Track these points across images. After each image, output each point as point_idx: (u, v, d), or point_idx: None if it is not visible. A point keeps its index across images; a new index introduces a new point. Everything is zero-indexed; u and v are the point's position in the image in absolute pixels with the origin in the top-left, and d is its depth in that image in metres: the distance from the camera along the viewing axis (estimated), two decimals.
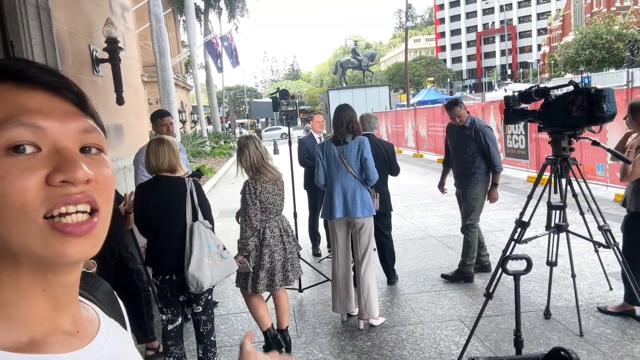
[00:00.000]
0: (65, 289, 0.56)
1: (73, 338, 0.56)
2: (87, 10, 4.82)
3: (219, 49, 24.10)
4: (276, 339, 3.49)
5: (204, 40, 25.22)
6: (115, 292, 0.74)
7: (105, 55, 4.87)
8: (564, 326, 3.60)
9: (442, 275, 4.77)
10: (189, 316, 3.41)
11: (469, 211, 4.70)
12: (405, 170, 11.34)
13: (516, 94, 3.19)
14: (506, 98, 3.23)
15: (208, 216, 3.07)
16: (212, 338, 3.13)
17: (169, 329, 3.06)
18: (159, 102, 13.11)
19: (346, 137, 3.71)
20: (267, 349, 3.50)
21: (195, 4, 24.38)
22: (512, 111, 3.19)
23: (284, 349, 3.50)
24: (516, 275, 2.27)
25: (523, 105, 3.31)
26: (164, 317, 3.07)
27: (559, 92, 3.04)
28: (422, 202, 8.80)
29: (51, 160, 0.51)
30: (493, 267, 4.71)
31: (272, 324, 3.50)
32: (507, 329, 3.61)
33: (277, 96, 4.65)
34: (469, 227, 4.64)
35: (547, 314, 3.76)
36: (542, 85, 3.17)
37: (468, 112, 4.64)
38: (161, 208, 2.95)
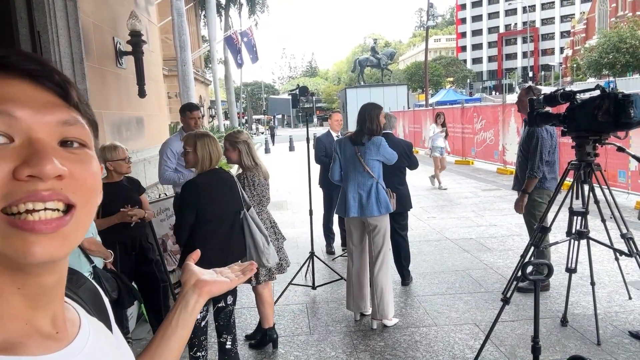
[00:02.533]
0: (43, 290, 0.52)
1: (51, 340, 0.53)
2: (111, 2, 4.88)
3: (238, 44, 24.18)
4: (273, 339, 3.55)
5: (224, 35, 25.33)
6: (100, 290, 0.71)
7: (129, 48, 4.92)
8: (581, 334, 3.54)
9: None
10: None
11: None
12: (422, 171, 11.25)
13: (541, 96, 3.13)
14: (530, 101, 3.18)
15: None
16: (236, 328, 3.21)
17: (202, 325, 3.08)
18: (178, 96, 13.21)
19: (362, 138, 3.68)
20: (261, 345, 3.56)
21: None
22: (536, 114, 3.14)
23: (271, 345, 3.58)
24: (536, 281, 2.23)
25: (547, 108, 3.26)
26: (198, 315, 3.09)
27: (585, 96, 2.98)
28: (438, 203, 8.73)
29: (22, 153, 0.47)
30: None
31: (274, 324, 3.60)
32: (522, 335, 3.57)
33: (297, 93, 4.64)
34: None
35: (564, 321, 3.70)
36: (567, 89, 3.11)
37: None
38: (222, 201, 2.99)
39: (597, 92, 2.87)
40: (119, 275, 3.00)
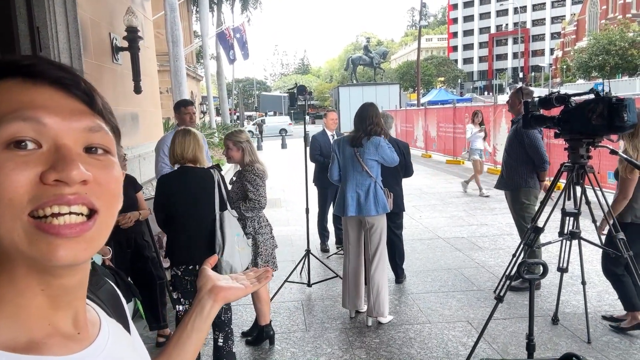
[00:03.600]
0: (65, 291, 0.54)
1: (73, 340, 0.55)
2: None
3: (231, 40, 24.09)
4: (269, 335, 3.59)
5: (216, 31, 25.22)
6: (119, 292, 0.72)
7: (125, 44, 4.90)
8: (571, 332, 3.62)
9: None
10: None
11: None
12: (415, 171, 11.32)
13: (536, 99, 3.19)
14: (525, 103, 3.24)
15: (232, 206, 3.16)
16: (231, 326, 3.19)
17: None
18: (170, 92, 13.13)
19: (362, 140, 3.72)
20: (258, 341, 3.59)
21: None
22: (530, 116, 3.20)
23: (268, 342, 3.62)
24: (532, 280, 2.29)
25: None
26: (180, 307, 3.11)
27: (579, 99, 3.04)
28: (430, 202, 8.81)
29: (49, 158, 0.49)
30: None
31: (270, 321, 3.62)
32: (514, 332, 3.64)
33: (295, 91, 4.66)
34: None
35: (555, 320, 3.77)
36: (561, 91, 3.17)
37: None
38: (190, 198, 2.96)
39: (591, 96, 2.94)
40: (117, 271, 3.01)
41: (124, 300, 0.73)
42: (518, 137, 4.36)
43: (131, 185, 3.52)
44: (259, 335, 3.58)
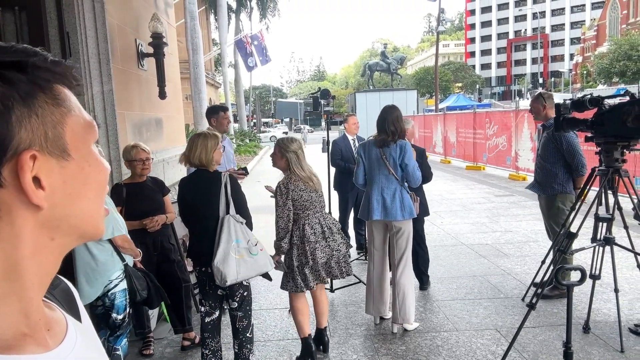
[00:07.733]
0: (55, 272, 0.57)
1: (46, 336, 0.55)
2: (135, 4, 4.93)
3: (249, 47, 24.32)
4: (310, 347, 3.36)
5: (234, 39, 25.51)
6: (73, 290, 0.71)
7: (150, 50, 4.96)
8: (603, 341, 3.51)
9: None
10: (226, 308, 3.42)
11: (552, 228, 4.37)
12: (435, 176, 11.21)
13: (568, 101, 3.13)
14: (557, 105, 3.18)
15: (241, 211, 3.05)
16: (247, 334, 3.11)
17: (206, 321, 3.09)
18: (189, 99, 13.27)
19: (389, 142, 3.68)
20: (303, 356, 3.37)
21: (227, 2, 24.66)
22: (562, 119, 3.13)
23: (321, 348, 3.52)
24: (570, 287, 2.22)
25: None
26: (202, 309, 3.10)
27: (613, 101, 2.97)
28: (451, 209, 8.70)
29: None
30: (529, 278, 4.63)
31: (310, 334, 3.42)
32: (544, 341, 3.55)
33: (318, 95, 4.65)
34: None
35: (586, 328, 3.67)
36: (595, 94, 3.11)
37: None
38: (198, 201, 3.03)
39: (626, 98, 2.87)
40: (148, 274, 3.02)
41: (77, 295, 0.71)
42: (554, 141, 4.18)
43: (159, 188, 3.54)
44: (304, 350, 3.37)
